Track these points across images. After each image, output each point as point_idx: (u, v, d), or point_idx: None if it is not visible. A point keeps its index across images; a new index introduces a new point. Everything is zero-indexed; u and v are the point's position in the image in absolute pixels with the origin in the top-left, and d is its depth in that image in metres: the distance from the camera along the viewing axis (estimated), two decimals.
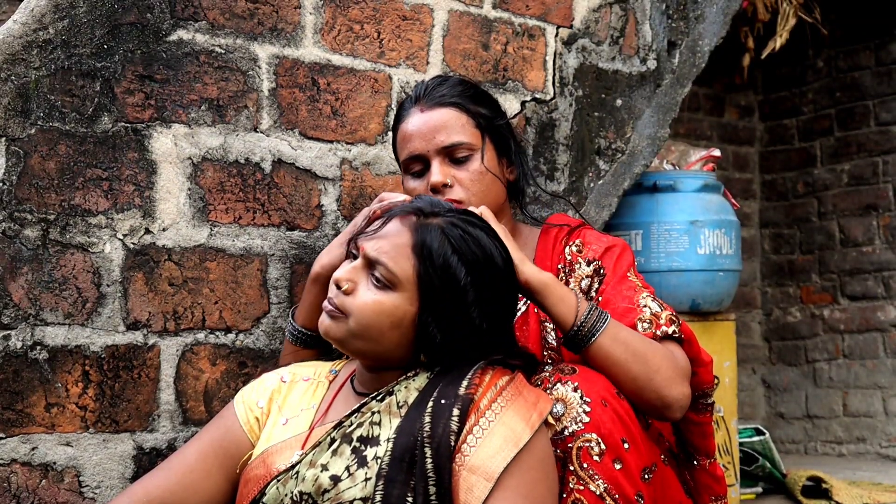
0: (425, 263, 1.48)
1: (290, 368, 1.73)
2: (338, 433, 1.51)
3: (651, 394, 1.62)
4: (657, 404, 1.63)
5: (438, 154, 1.82)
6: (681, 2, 2.64)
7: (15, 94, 1.80)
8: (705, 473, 1.80)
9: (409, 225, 1.52)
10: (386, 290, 1.49)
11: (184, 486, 1.59)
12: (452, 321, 1.49)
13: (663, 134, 2.60)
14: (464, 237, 1.50)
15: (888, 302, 4.12)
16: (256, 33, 2.04)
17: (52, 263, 1.82)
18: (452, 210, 1.56)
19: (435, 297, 1.48)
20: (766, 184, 4.61)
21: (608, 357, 1.61)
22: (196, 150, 1.97)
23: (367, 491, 1.43)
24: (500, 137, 1.88)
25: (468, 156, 1.82)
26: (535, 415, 1.47)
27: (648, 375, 1.61)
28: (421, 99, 1.86)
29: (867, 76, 4.25)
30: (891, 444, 4.06)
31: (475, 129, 1.84)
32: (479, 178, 1.82)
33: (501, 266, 1.54)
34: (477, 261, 1.50)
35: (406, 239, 1.50)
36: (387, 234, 1.52)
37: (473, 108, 1.85)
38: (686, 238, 2.69)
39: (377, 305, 1.49)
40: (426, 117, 1.83)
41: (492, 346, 1.54)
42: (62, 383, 1.82)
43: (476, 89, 1.91)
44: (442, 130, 1.82)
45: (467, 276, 1.48)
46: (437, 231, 1.50)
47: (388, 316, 1.49)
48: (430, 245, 1.48)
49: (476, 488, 1.39)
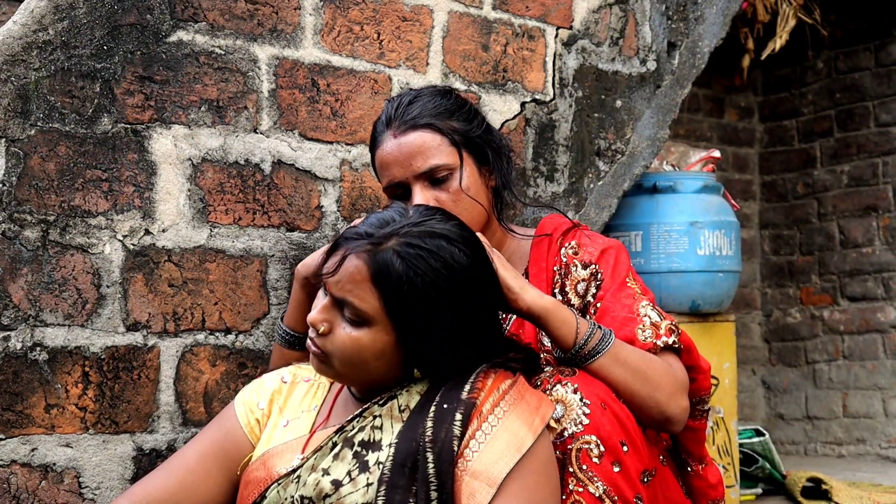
0: (388, 294, 1.45)
1: (290, 369, 1.73)
2: (339, 437, 1.51)
3: (652, 410, 1.62)
4: (658, 419, 1.64)
5: (418, 179, 1.78)
6: (680, 3, 2.64)
7: (15, 95, 1.80)
8: (699, 479, 1.80)
9: (364, 258, 1.47)
10: (360, 327, 1.48)
11: (184, 488, 1.59)
12: (433, 336, 1.48)
13: (663, 135, 2.60)
14: (420, 255, 1.46)
15: (888, 303, 4.12)
16: (256, 34, 2.04)
17: (51, 264, 1.82)
18: (405, 223, 1.50)
19: (407, 321, 1.47)
20: (765, 185, 4.61)
21: (608, 377, 1.61)
22: (196, 151, 1.97)
23: (368, 496, 1.43)
24: (477, 148, 1.84)
25: (448, 175, 1.79)
26: (538, 419, 1.46)
27: (649, 393, 1.62)
28: (392, 122, 1.81)
29: (867, 77, 4.25)
30: (891, 446, 4.06)
31: (451, 146, 1.79)
32: (460, 197, 1.79)
33: (467, 266, 1.50)
34: (439, 275, 1.46)
35: (364, 273, 1.46)
36: (346, 271, 1.48)
37: (447, 125, 1.80)
38: (686, 239, 2.69)
39: (354, 343, 1.48)
40: (399, 143, 1.79)
41: (484, 343, 1.54)
42: (62, 384, 1.82)
43: (447, 101, 1.85)
44: (418, 156, 1.77)
45: (432, 293, 1.46)
46: (391, 256, 1.46)
47: (368, 350, 1.48)
48: (387, 274, 1.45)
49: (478, 494, 1.39)
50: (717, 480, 1.81)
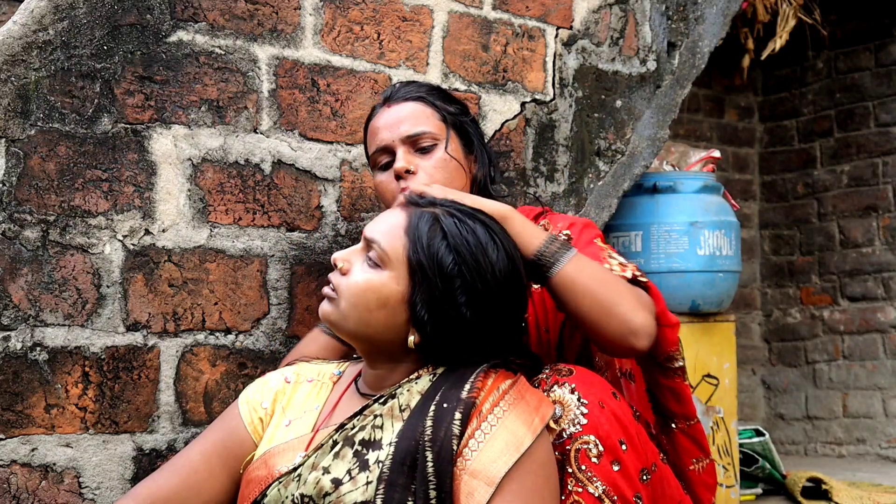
0: (414, 245, 1.51)
1: (293, 368, 1.73)
2: (340, 436, 1.51)
3: (616, 320, 1.61)
4: (623, 330, 1.61)
5: (403, 143, 1.86)
6: (680, 3, 2.64)
7: (15, 95, 1.80)
8: (684, 436, 1.79)
9: (408, 211, 1.56)
10: (376, 269, 1.52)
11: (188, 487, 1.59)
12: (440, 308, 1.49)
13: (663, 135, 2.60)
14: (457, 225, 1.52)
15: (888, 303, 4.12)
16: (256, 34, 2.04)
17: (51, 264, 1.82)
18: (456, 205, 1.58)
19: (422, 279, 1.49)
20: (765, 185, 4.61)
21: (574, 283, 1.62)
22: (196, 151, 1.97)
23: (367, 494, 1.43)
24: (464, 133, 1.93)
25: (432, 145, 1.86)
26: (538, 419, 1.46)
27: (614, 300, 1.61)
28: (389, 99, 1.92)
29: (867, 77, 4.26)
30: (890, 446, 4.06)
31: (440, 121, 1.89)
32: (442, 166, 1.85)
33: (496, 260, 1.52)
34: (467, 249, 1.50)
35: (401, 221, 1.54)
36: (386, 217, 1.57)
37: (440, 104, 1.91)
38: (686, 239, 2.69)
39: (365, 283, 1.52)
40: (392, 111, 1.89)
41: (489, 345, 1.54)
42: (62, 384, 1.82)
43: (444, 92, 1.97)
44: (406, 121, 1.86)
45: (455, 263, 1.49)
46: (430, 217, 1.53)
47: (375, 293, 1.51)
48: (421, 228, 1.52)
49: (477, 493, 1.39)
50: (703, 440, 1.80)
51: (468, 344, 1.52)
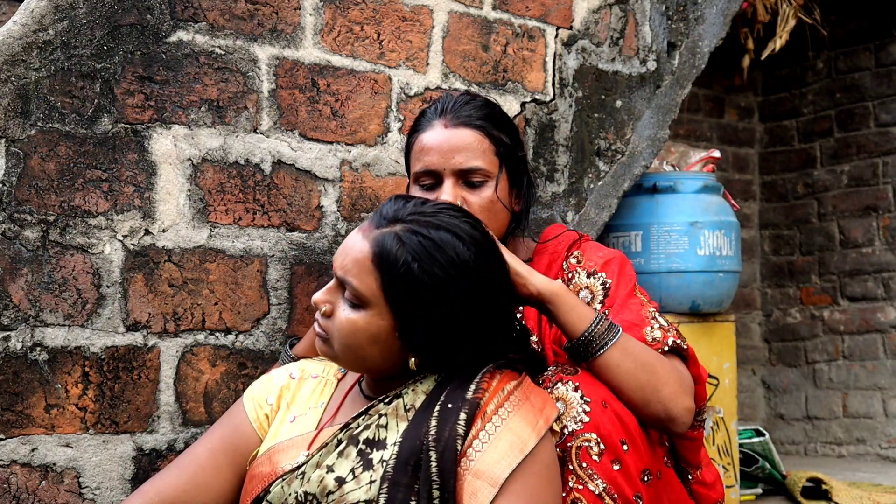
0: (386, 277, 1.46)
1: (298, 365, 1.73)
2: (344, 435, 1.51)
3: (657, 406, 1.61)
4: (662, 416, 1.62)
5: (454, 175, 1.79)
6: (680, 3, 2.64)
7: (15, 95, 1.80)
8: (699, 485, 1.79)
9: (369, 237, 1.49)
10: (357, 310, 1.48)
11: (195, 485, 1.59)
12: (430, 328, 1.48)
13: (663, 135, 2.60)
14: (422, 242, 1.46)
15: (888, 303, 4.12)
16: (256, 34, 2.04)
17: (51, 264, 1.82)
18: (416, 212, 1.51)
19: (405, 307, 1.47)
20: (765, 185, 4.61)
21: (619, 367, 1.60)
22: (196, 151, 1.97)
23: (371, 493, 1.43)
24: (516, 169, 1.86)
25: (483, 181, 1.80)
26: (542, 420, 1.46)
27: (656, 387, 1.60)
28: (447, 113, 1.83)
29: (867, 77, 4.26)
30: (891, 446, 4.06)
31: (494, 156, 1.81)
32: (489, 207, 1.80)
33: (471, 263, 1.49)
34: (439, 265, 1.46)
35: (366, 251, 1.48)
36: (350, 248, 1.50)
37: (497, 133, 1.82)
38: (686, 239, 2.69)
39: (351, 325, 1.48)
40: (449, 134, 1.80)
41: (489, 342, 1.54)
42: (62, 384, 1.82)
43: (501, 114, 1.88)
44: (462, 151, 1.79)
45: (432, 282, 1.45)
46: (393, 240, 1.47)
47: (363, 333, 1.48)
48: (387, 257, 1.46)
49: (480, 493, 1.39)
50: (713, 479, 1.80)
51: (467, 350, 1.51)
